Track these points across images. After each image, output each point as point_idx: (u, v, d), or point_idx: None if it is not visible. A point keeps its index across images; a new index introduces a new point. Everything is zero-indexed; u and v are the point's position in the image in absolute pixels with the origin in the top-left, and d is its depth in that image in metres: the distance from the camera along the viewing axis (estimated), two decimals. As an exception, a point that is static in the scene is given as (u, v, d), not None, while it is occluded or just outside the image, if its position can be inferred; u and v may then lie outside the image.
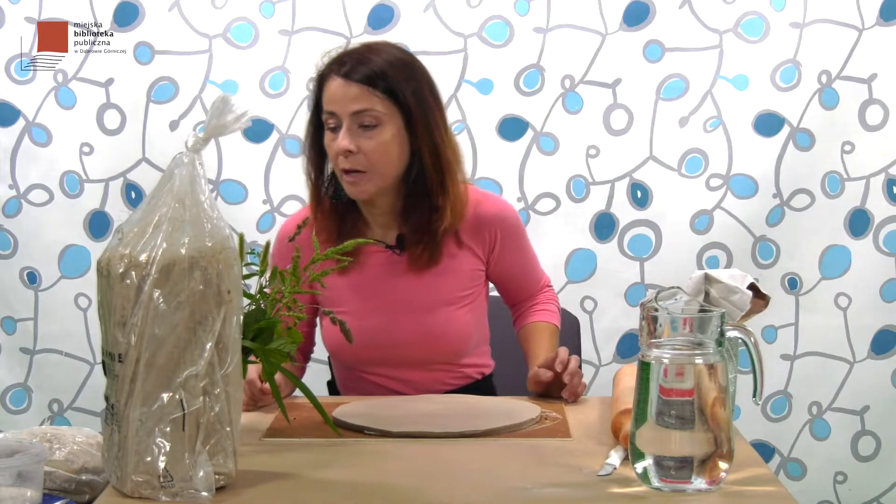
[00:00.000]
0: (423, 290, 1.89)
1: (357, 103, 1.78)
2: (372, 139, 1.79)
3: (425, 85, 1.86)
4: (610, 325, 2.63)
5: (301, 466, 1.36)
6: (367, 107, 1.79)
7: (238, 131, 1.50)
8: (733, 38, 2.56)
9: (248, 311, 1.45)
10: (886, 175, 2.58)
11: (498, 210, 1.96)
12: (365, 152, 1.79)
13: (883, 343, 2.61)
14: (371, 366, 1.92)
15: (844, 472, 2.64)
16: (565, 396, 1.73)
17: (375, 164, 1.81)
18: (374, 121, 1.79)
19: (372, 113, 1.79)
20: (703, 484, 1.23)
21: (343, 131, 1.79)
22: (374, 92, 1.79)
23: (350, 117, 1.79)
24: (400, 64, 1.83)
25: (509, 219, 1.97)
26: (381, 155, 1.80)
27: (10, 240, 2.62)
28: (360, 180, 1.82)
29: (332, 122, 1.82)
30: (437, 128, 1.85)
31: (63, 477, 1.32)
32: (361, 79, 1.79)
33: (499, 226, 1.94)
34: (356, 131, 1.79)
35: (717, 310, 1.28)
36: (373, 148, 1.80)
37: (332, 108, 1.81)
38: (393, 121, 1.81)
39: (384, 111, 1.80)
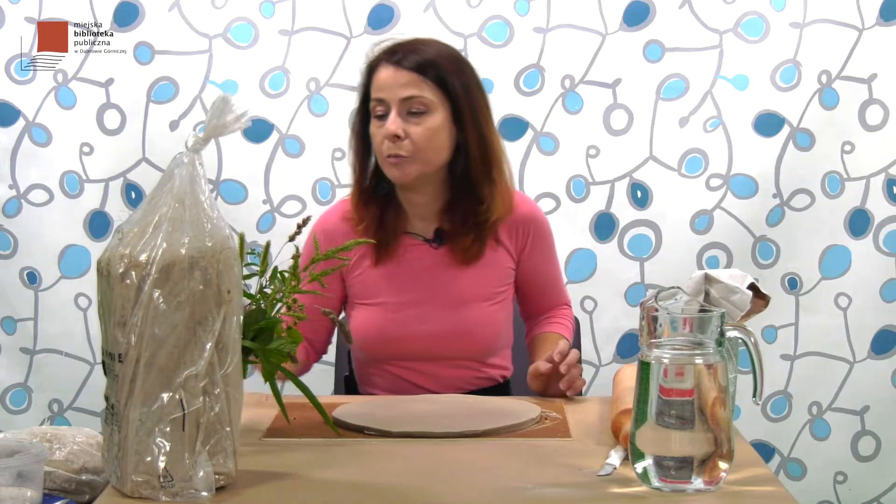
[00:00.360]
0: (459, 283, 1.91)
1: (407, 89, 1.82)
2: (420, 125, 1.83)
3: (473, 79, 1.90)
4: (610, 325, 2.63)
5: (301, 466, 1.36)
6: (417, 93, 1.82)
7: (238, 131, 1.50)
8: (733, 38, 2.56)
9: (248, 311, 1.45)
10: (886, 175, 2.58)
11: (533, 210, 2.00)
12: (412, 138, 1.82)
13: (883, 343, 2.61)
14: (399, 359, 1.92)
15: (844, 472, 2.64)
16: (563, 388, 1.74)
17: (421, 151, 1.83)
18: (422, 107, 1.83)
19: (421, 99, 1.82)
20: (703, 484, 1.23)
21: (392, 116, 1.82)
22: (424, 79, 1.83)
23: (399, 103, 1.82)
24: (450, 57, 1.88)
25: (543, 222, 2.01)
26: (428, 141, 1.83)
27: (10, 240, 2.62)
28: (402, 163, 1.84)
29: (380, 109, 1.85)
30: (484, 120, 1.89)
31: (63, 477, 1.32)
32: (412, 66, 1.83)
33: (532, 226, 1.97)
34: (405, 117, 1.83)
35: (717, 310, 1.28)
36: (420, 133, 1.82)
37: (381, 95, 1.84)
38: (441, 109, 1.84)
39: (433, 99, 1.83)
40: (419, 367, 1.92)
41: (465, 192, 1.89)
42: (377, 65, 1.86)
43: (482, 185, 1.88)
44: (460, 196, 1.90)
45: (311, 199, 2.60)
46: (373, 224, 1.90)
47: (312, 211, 2.56)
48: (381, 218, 1.91)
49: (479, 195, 1.88)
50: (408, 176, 1.86)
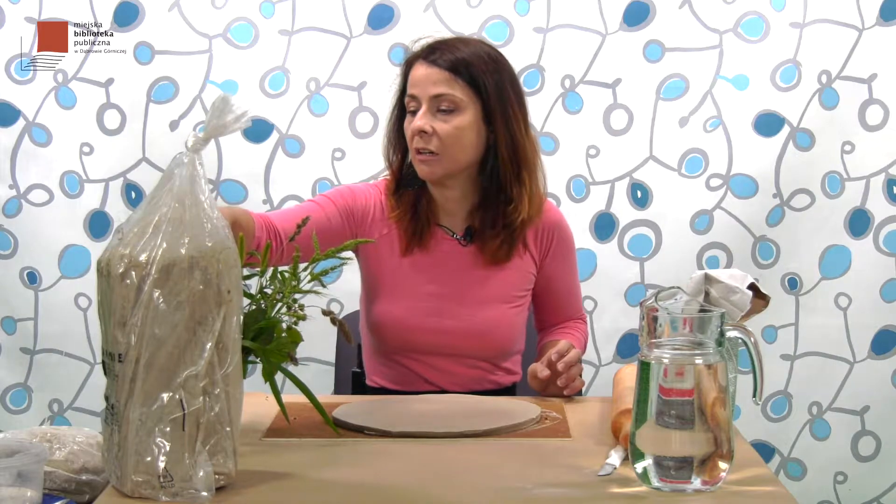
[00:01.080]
0: (483, 283, 1.93)
1: (438, 87, 1.85)
2: (448, 123, 1.86)
3: (508, 80, 1.92)
4: (610, 325, 2.63)
5: (301, 466, 1.36)
6: (447, 91, 1.85)
7: (238, 131, 1.50)
8: (733, 38, 2.56)
9: (248, 311, 1.45)
10: (886, 175, 2.58)
11: (559, 219, 2.03)
12: (440, 135, 1.85)
13: (883, 343, 2.61)
14: (413, 351, 1.93)
15: (844, 472, 2.64)
16: (560, 385, 1.74)
17: (448, 148, 1.86)
18: (452, 106, 1.86)
19: (451, 98, 1.85)
20: (703, 484, 1.23)
21: (422, 112, 1.86)
22: (455, 78, 1.86)
23: (430, 100, 1.86)
24: (487, 57, 1.90)
25: (567, 232, 2.04)
26: (455, 139, 1.86)
27: (10, 240, 2.62)
28: (430, 161, 1.87)
29: (413, 105, 1.88)
30: (516, 121, 1.91)
31: (63, 477, 1.32)
32: (446, 65, 1.86)
33: (557, 233, 2.00)
34: (434, 114, 1.86)
35: (717, 310, 1.28)
36: (448, 131, 1.85)
37: (414, 91, 1.88)
38: (471, 109, 1.87)
39: (463, 98, 1.86)
40: (432, 362, 1.92)
41: (495, 192, 1.92)
42: (414, 61, 1.90)
43: (511, 185, 1.90)
44: (490, 196, 1.92)
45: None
46: (406, 214, 1.93)
47: (312, 211, 2.56)
48: (414, 208, 1.94)
49: (508, 195, 1.91)
50: (434, 174, 1.89)
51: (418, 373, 1.93)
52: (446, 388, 1.91)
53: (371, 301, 1.95)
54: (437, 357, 1.92)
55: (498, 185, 1.91)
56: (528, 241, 1.96)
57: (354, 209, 1.94)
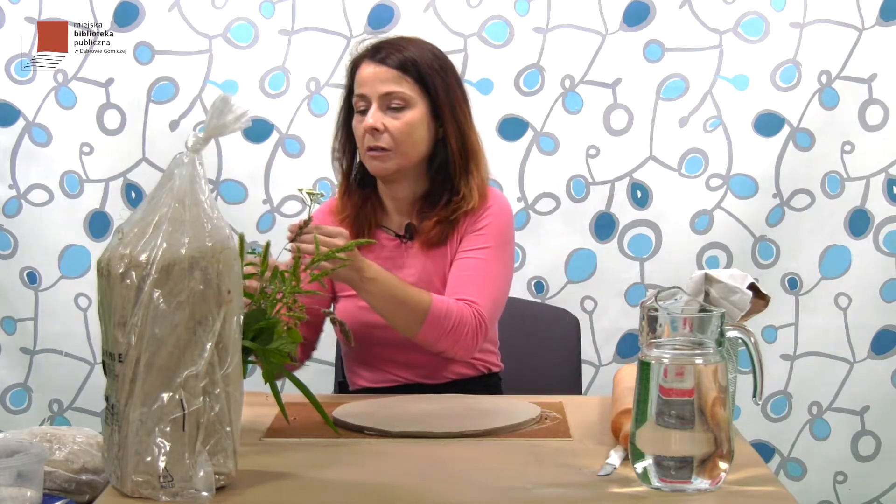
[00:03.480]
0: (426, 272, 1.93)
1: (387, 85, 1.88)
2: (398, 119, 1.88)
3: (454, 79, 1.96)
4: (610, 325, 2.63)
5: (301, 466, 1.36)
6: (397, 89, 1.88)
7: (238, 131, 1.50)
8: (733, 38, 2.56)
9: (248, 311, 1.45)
10: (886, 175, 2.58)
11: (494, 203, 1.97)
12: (391, 131, 1.88)
13: (883, 343, 2.61)
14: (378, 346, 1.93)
15: (844, 472, 2.64)
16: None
17: (400, 144, 1.88)
18: (402, 103, 1.89)
19: (401, 95, 1.88)
20: (703, 484, 1.23)
21: (372, 111, 1.88)
22: (404, 77, 1.89)
23: (379, 98, 1.88)
24: (432, 56, 1.93)
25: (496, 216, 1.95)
26: (406, 135, 1.89)
27: (10, 240, 2.62)
28: (382, 157, 1.89)
29: (361, 104, 1.91)
30: (463, 115, 1.95)
31: (63, 477, 1.32)
32: (394, 64, 1.89)
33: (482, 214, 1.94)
34: (384, 112, 1.88)
35: (717, 310, 1.28)
36: (398, 127, 1.88)
37: (363, 91, 1.90)
38: (420, 105, 1.90)
39: (412, 94, 1.89)
40: (398, 356, 1.93)
41: (442, 184, 1.94)
42: (360, 61, 1.92)
43: (459, 176, 1.93)
44: (437, 188, 1.95)
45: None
46: (350, 216, 1.96)
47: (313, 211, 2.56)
48: (358, 211, 1.97)
49: (457, 187, 1.93)
50: (387, 169, 1.91)
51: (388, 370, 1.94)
52: (419, 380, 1.91)
53: (336, 306, 1.98)
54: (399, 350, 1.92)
55: (445, 177, 1.93)
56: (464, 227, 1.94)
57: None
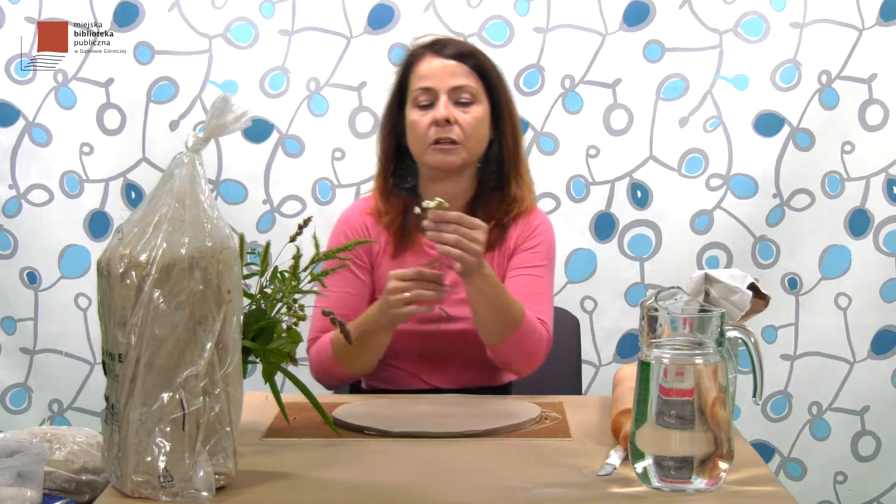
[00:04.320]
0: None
1: (456, 79, 1.89)
2: (468, 113, 1.89)
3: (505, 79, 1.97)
4: (610, 325, 2.63)
5: (301, 466, 1.36)
6: (466, 83, 1.89)
7: (238, 131, 1.50)
8: (733, 38, 2.56)
9: (248, 311, 1.45)
10: (886, 175, 2.58)
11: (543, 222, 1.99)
12: (461, 124, 1.88)
13: (883, 343, 2.61)
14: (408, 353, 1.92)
15: (844, 472, 2.64)
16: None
17: (469, 138, 1.88)
18: (470, 97, 1.89)
19: (469, 89, 1.89)
20: (703, 484, 1.23)
21: (443, 102, 1.87)
22: (470, 70, 1.90)
23: (448, 92, 1.88)
24: (489, 58, 1.96)
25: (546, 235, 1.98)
26: (475, 129, 1.89)
27: (10, 240, 2.61)
28: (451, 150, 1.88)
29: (423, 99, 1.90)
30: (515, 116, 1.96)
31: (63, 477, 1.32)
32: (462, 59, 1.90)
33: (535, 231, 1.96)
34: (453, 106, 1.88)
35: (717, 310, 1.28)
36: (468, 121, 1.88)
37: (428, 84, 1.89)
38: (483, 101, 1.91)
39: (479, 89, 1.90)
40: (427, 363, 1.92)
41: (492, 188, 1.93)
42: (421, 56, 1.91)
43: (511, 180, 1.93)
44: (486, 192, 1.93)
45: (311, 199, 2.60)
46: (398, 217, 1.93)
47: (312, 211, 2.56)
48: (404, 211, 1.93)
49: (508, 191, 1.93)
50: (454, 163, 1.89)
51: (414, 373, 1.93)
52: (442, 387, 1.91)
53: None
54: (430, 358, 1.91)
55: (493, 180, 1.92)
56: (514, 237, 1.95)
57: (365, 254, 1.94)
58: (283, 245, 1.53)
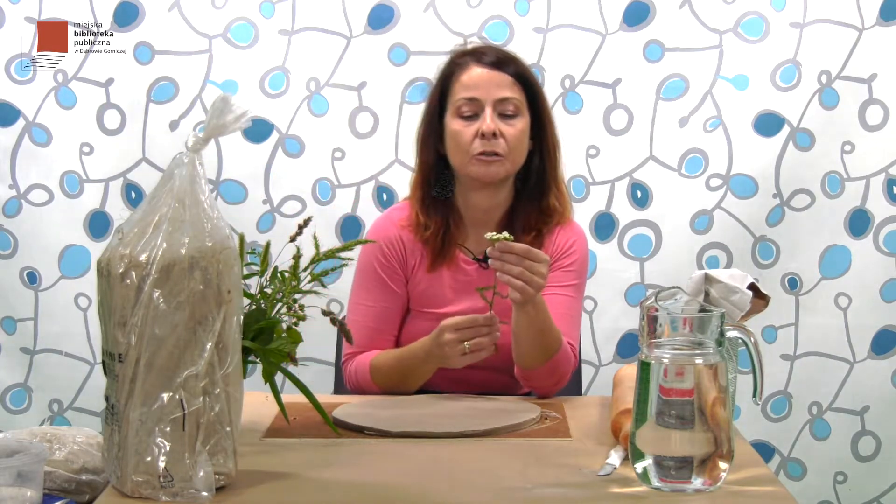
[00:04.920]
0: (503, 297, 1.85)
1: (503, 91, 1.86)
2: (513, 126, 1.86)
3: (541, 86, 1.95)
4: (610, 325, 2.63)
5: (301, 466, 1.36)
6: (512, 95, 1.87)
7: (238, 131, 1.50)
8: (733, 38, 2.56)
9: (248, 311, 1.45)
10: (886, 175, 2.58)
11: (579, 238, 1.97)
12: (506, 137, 1.85)
13: (883, 343, 2.61)
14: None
15: (844, 472, 2.64)
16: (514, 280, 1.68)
17: (513, 151, 1.87)
18: (515, 110, 1.87)
19: (514, 101, 1.87)
20: (703, 484, 1.23)
21: (489, 114, 1.85)
22: (517, 84, 1.88)
23: (494, 104, 1.85)
24: (530, 69, 1.94)
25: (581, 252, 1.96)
26: (519, 142, 1.88)
27: (10, 240, 2.61)
28: (495, 162, 1.86)
29: (467, 109, 1.87)
30: (554, 126, 1.94)
31: (63, 477, 1.32)
32: (508, 70, 1.88)
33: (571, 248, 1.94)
34: (497, 118, 1.86)
35: (717, 310, 1.28)
36: (513, 134, 1.86)
37: (473, 94, 1.86)
38: (526, 114, 1.89)
39: (521, 101, 1.88)
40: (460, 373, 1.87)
41: (529, 199, 1.92)
42: (464, 65, 1.89)
43: (549, 192, 1.92)
44: (524, 204, 1.92)
45: (311, 199, 2.60)
46: (440, 230, 1.90)
47: (312, 211, 2.56)
48: (446, 225, 1.91)
49: (546, 202, 1.92)
50: (497, 175, 1.87)
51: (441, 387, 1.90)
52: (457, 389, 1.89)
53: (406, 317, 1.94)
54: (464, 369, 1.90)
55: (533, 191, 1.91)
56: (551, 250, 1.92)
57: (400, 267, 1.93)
58: (283, 245, 1.53)
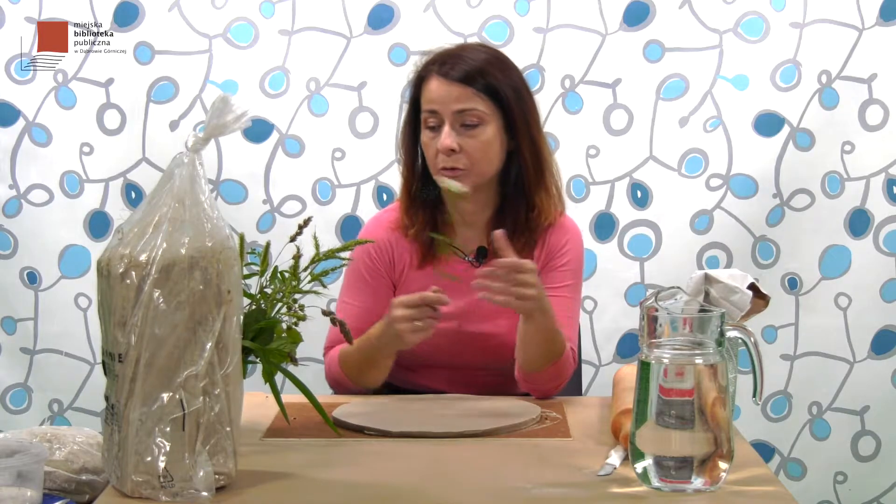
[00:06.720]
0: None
1: (459, 103, 1.82)
2: (474, 138, 1.82)
3: (521, 81, 1.89)
4: (610, 325, 2.63)
5: (301, 466, 1.36)
6: (470, 106, 1.82)
7: (238, 131, 1.50)
8: (733, 38, 2.56)
9: (248, 311, 1.45)
10: (886, 175, 2.58)
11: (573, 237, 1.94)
12: (467, 151, 1.82)
13: (883, 343, 2.61)
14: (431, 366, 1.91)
15: (844, 472, 2.64)
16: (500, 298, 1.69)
17: (476, 164, 1.83)
18: (476, 120, 1.82)
19: (474, 112, 1.82)
20: (703, 484, 1.23)
21: (446, 130, 1.82)
22: (476, 92, 1.82)
23: (452, 116, 1.82)
24: (496, 61, 1.87)
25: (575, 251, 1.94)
26: (483, 154, 1.83)
27: (10, 240, 2.61)
28: (458, 175, 1.83)
29: (432, 120, 1.84)
30: (534, 124, 1.89)
31: (63, 477, 1.32)
32: (462, 77, 1.82)
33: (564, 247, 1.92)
34: (458, 130, 1.82)
35: (717, 310, 1.28)
36: (475, 147, 1.82)
37: (433, 107, 1.83)
38: (494, 120, 1.84)
39: (486, 111, 1.83)
40: (450, 374, 1.90)
41: (516, 199, 1.89)
42: (427, 75, 1.86)
43: (534, 191, 1.88)
44: (511, 204, 1.90)
45: (311, 199, 2.60)
46: (423, 229, 1.89)
47: (312, 211, 2.56)
48: (432, 223, 1.90)
49: (532, 202, 1.88)
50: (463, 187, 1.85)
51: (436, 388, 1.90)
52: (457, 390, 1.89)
53: None
54: (454, 370, 1.90)
55: (519, 192, 1.88)
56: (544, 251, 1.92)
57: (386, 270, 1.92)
58: (283, 245, 1.53)
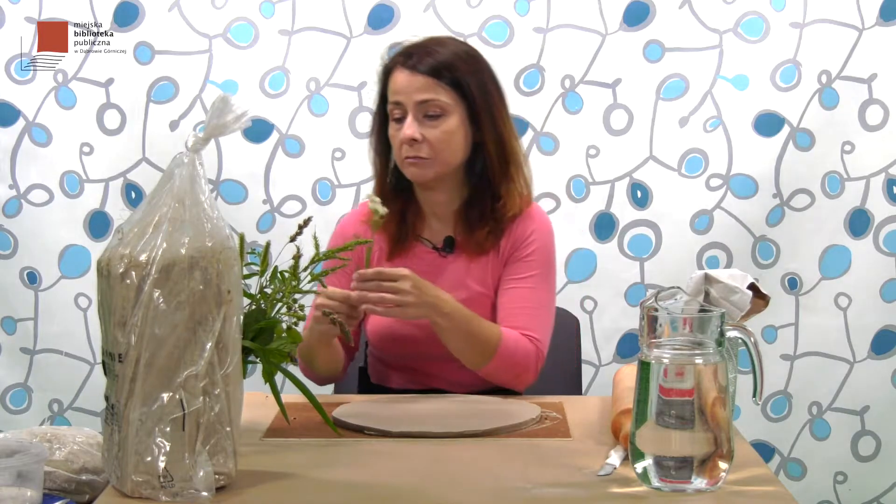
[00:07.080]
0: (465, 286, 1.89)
1: (422, 93, 1.84)
2: (436, 128, 1.85)
3: (489, 77, 1.91)
4: (610, 325, 2.63)
5: (301, 466, 1.36)
6: (433, 97, 1.84)
7: (238, 131, 1.50)
8: (733, 38, 2.56)
9: (248, 311, 1.45)
10: (886, 175, 2.58)
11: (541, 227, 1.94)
12: (429, 141, 1.84)
13: (883, 343, 2.61)
14: (409, 358, 1.92)
15: (844, 472, 2.64)
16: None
17: (439, 153, 1.85)
18: (438, 111, 1.85)
19: (437, 103, 1.84)
20: (703, 484, 1.23)
21: (409, 120, 1.84)
22: (439, 83, 1.84)
23: (416, 107, 1.84)
24: (465, 56, 1.89)
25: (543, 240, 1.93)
26: (445, 144, 1.85)
27: (10, 240, 2.62)
28: (421, 164, 1.86)
29: (397, 112, 1.87)
30: (500, 118, 1.91)
31: (63, 477, 1.32)
32: (427, 70, 1.85)
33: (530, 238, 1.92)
34: (421, 121, 1.85)
35: (717, 310, 1.28)
36: (437, 137, 1.84)
37: (397, 99, 1.86)
38: (457, 111, 1.86)
39: (449, 101, 1.85)
40: (428, 369, 1.91)
41: (483, 190, 1.91)
42: (393, 68, 1.88)
43: (500, 182, 1.90)
44: (478, 194, 1.92)
45: (311, 199, 2.60)
46: (393, 221, 1.91)
47: (312, 211, 2.56)
48: (402, 215, 1.93)
49: (497, 192, 1.90)
50: (425, 176, 1.88)
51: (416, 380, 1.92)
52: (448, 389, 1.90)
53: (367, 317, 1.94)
54: (432, 362, 1.91)
55: (486, 182, 1.91)
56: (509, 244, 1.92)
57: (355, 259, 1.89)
58: (283, 245, 1.53)
